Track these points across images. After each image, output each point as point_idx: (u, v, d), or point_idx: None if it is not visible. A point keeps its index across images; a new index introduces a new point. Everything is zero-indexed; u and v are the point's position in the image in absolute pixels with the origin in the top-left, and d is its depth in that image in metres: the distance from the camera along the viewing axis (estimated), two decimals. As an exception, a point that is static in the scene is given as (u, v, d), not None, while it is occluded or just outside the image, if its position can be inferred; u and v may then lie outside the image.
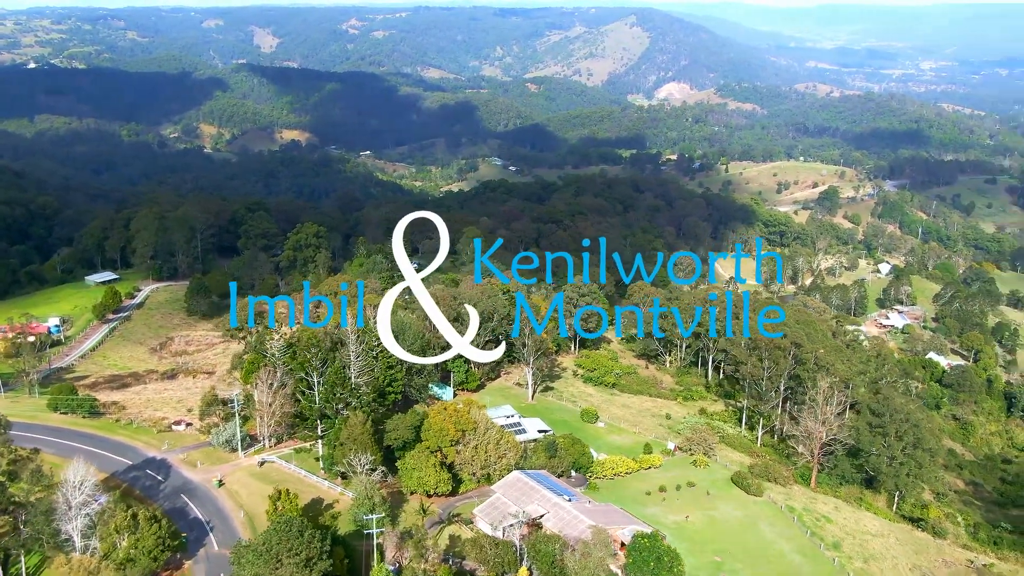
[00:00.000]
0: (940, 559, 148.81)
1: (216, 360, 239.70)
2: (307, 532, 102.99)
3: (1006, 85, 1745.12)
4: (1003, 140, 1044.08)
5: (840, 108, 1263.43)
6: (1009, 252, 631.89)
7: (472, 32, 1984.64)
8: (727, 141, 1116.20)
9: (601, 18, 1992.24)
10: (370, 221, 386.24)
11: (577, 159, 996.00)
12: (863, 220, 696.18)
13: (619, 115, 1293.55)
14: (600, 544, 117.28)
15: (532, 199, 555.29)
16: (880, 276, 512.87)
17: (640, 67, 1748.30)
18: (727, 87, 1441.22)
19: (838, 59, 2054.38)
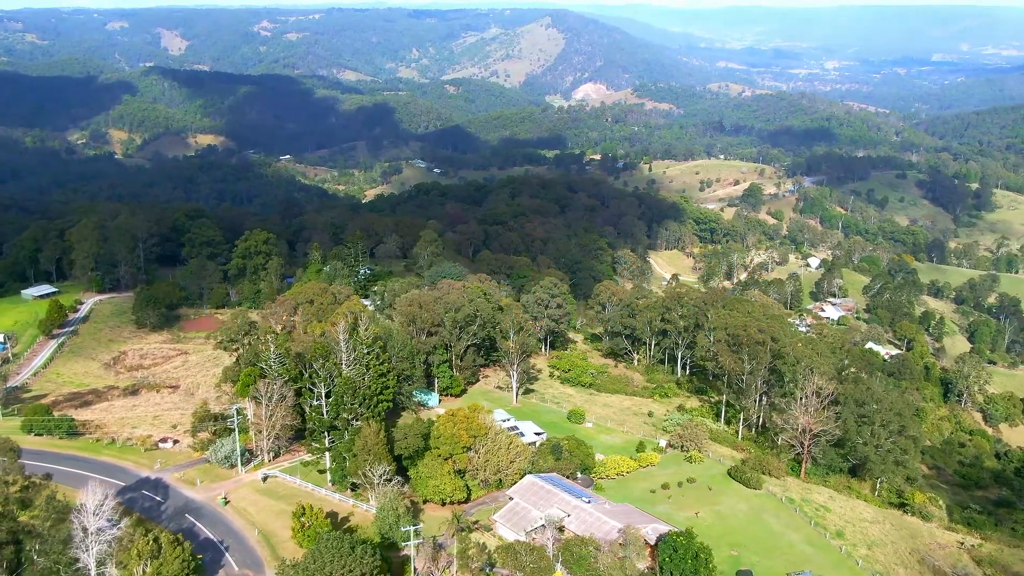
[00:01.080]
0: (934, 542, 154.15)
1: (178, 374, 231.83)
2: (358, 548, 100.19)
3: (905, 84, 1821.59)
4: (908, 137, 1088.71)
5: (754, 107, 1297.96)
6: (923, 244, 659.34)
7: (387, 34, 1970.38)
8: (647, 140, 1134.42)
9: (516, 19, 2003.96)
10: (315, 226, 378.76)
11: (501, 160, 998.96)
12: (786, 216, 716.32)
13: (539, 116, 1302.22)
14: (633, 544, 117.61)
15: (468, 201, 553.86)
16: (810, 270, 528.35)
17: (557, 68, 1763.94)
18: (644, 87, 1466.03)
19: (747, 59, 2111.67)
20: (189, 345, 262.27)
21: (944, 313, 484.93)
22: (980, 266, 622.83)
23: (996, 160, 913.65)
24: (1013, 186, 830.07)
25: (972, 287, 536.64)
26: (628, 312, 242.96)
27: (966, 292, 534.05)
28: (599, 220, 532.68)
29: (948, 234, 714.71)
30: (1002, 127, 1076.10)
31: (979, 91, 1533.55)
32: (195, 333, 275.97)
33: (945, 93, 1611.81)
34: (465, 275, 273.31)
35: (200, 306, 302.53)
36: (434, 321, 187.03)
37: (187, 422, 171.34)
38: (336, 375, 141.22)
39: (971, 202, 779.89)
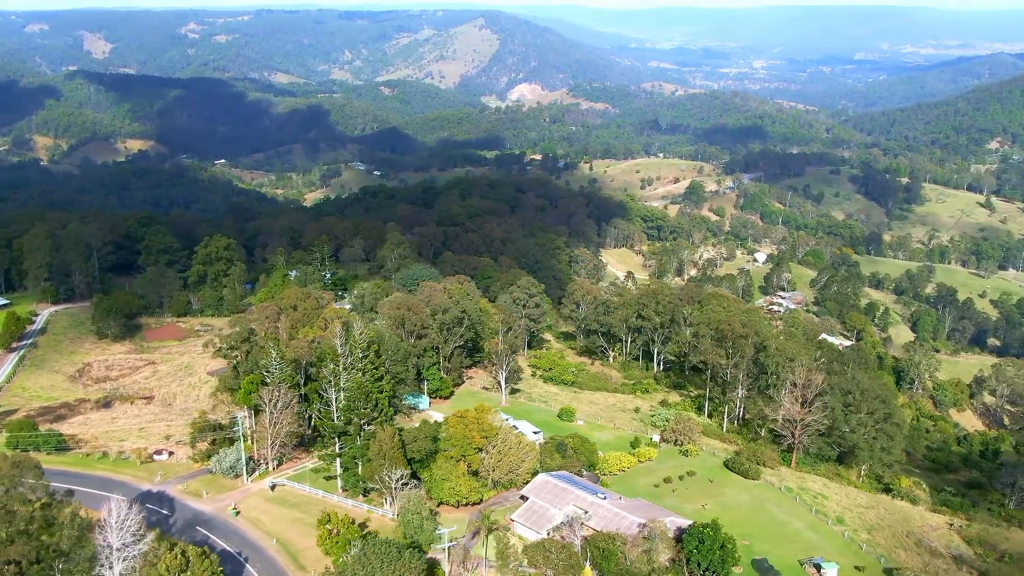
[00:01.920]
0: (926, 525, 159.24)
1: (150, 384, 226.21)
2: (405, 553, 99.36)
3: (830, 82, 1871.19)
4: (838, 133, 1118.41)
5: (688, 106, 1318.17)
6: (860, 237, 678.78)
7: (318, 36, 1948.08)
8: (585, 140, 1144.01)
9: (449, 20, 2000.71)
10: (271, 231, 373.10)
11: (441, 161, 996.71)
12: (727, 212, 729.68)
13: (477, 117, 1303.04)
14: (660, 537, 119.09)
15: (417, 203, 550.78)
16: (757, 265, 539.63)
17: (491, 69, 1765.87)
18: (579, 87, 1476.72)
19: (677, 59, 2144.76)
20: (155, 355, 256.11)
21: (886, 304, 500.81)
22: (915, 258, 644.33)
23: (923, 155, 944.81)
24: (940, 180, 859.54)
25: (910, 278, 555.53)
26: (604, 310, 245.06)
27: (905, 283, 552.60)
28: (550, 219, 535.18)
29: (882, 227, 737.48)
30: (926, 123, 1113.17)
31: (901, 89, 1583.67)
32: (159, 342, 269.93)
33: (870, 91, 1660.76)
34: (437, 277, 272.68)
35: (160, 315, 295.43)
36: (423, 323, 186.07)
37: (178, 433, 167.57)
38: (348, 379, 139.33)
39: (902, 196, 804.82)
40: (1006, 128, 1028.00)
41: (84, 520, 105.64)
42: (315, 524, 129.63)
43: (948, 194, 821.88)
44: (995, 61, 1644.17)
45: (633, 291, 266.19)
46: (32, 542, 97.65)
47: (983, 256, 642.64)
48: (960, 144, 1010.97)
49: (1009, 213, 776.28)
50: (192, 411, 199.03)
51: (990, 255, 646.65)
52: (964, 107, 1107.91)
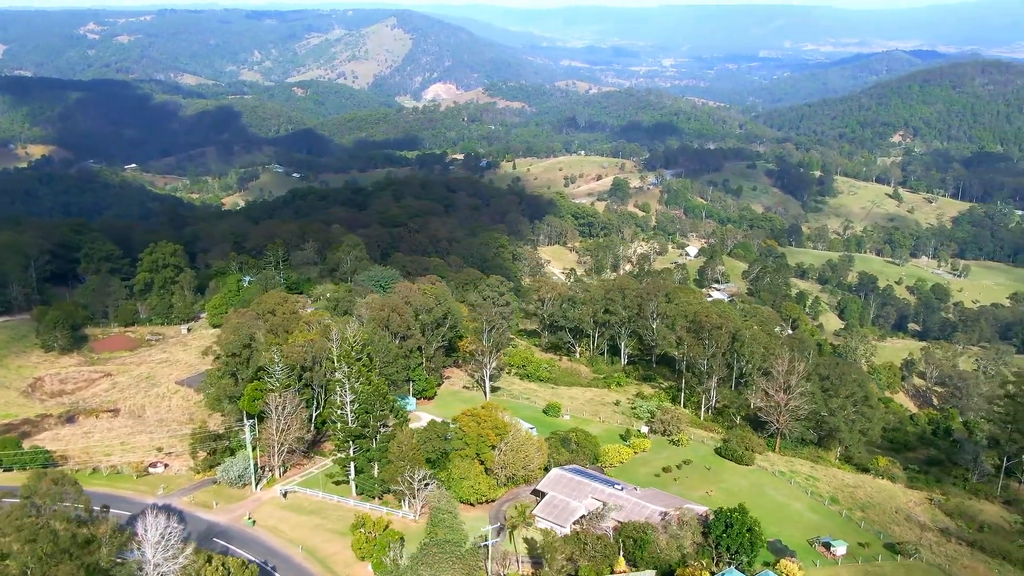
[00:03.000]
0: (910, 500, 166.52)
1: (112, 396, 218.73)
2: (467, 552, 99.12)
3: (737, 79, 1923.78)
4: (750, 129, 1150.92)
5: (604, 103, 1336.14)
6: (780, 229, 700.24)
7: (226, 36, 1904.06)
8: (505, 139, 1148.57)
9: (360, 20, 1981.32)
10: (212, 236, 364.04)
11: (362, 162, 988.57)
12: (652, 208, 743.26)
13: (394, 117, 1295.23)
14: (689, 524, 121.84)
15: (349, 204, 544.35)
16: (689, 258, 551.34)
17: (405, 68, 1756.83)
18: (494, 86, 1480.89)
19: (588, 57, 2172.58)
20: (109, 366, 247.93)
21: (814, 293, 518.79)
22: (833, 248, 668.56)
23: (833, 149, 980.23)
24: (850, 172, 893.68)
25: (832, 268, 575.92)
26: (571, 305, 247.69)
27: (828, 272, 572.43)
28: (485, 218, 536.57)
29: (800, 219, 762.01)
30: (832, 118, 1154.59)
31: (805, 85, 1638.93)
32: (109, 353, 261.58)
33: (775, 87, 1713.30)
34: (398, 278, 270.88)
35: (107, 324, 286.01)
36: (408, 325, 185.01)
37: (167, 445, 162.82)
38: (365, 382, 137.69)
39: (816, 189, 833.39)
40: (907, 122, 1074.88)
41: (123, 536, 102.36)
42: (337, 530, 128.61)
43: (858, 186, 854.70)
44: (891, 58, 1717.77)
45: (597, 286, 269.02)
46: (74, 561, 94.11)
47: (896, 245, 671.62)
48: (866, 138, 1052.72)
49: (916, 203, 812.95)
50: (168, 422, 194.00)
51: (902, 244, 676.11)
52: (867, 102, 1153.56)
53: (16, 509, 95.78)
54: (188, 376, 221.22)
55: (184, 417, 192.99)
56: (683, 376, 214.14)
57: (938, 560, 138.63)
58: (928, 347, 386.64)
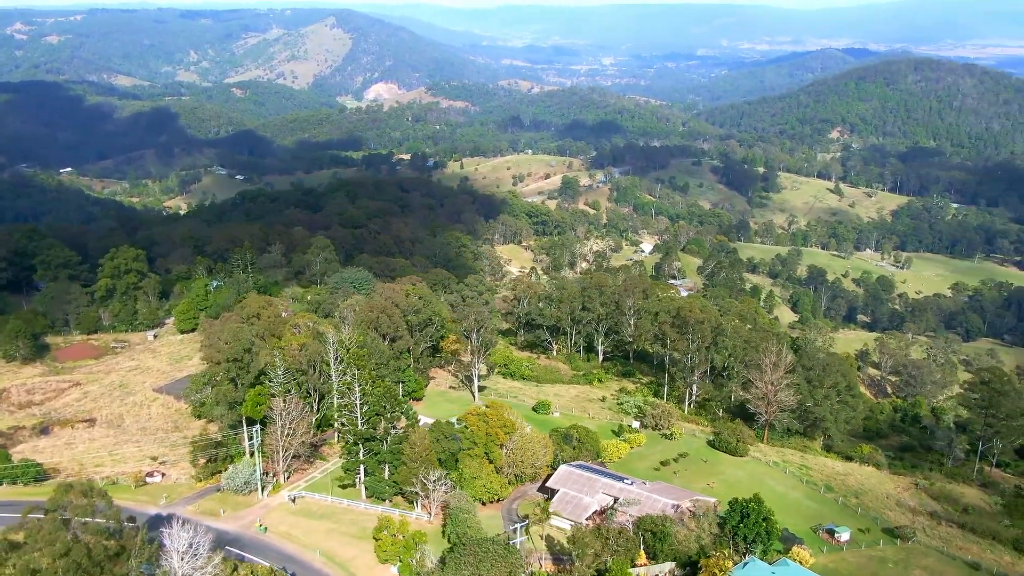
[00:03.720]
0: (898, 486, 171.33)
1: (87, 406, 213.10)
2: (507, 550, 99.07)
3: (676, 77, 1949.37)
4: (693, 127, 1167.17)
5: (548, 102, 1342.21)
6: (728, 225, 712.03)
7: (160, 36, 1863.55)
8: (451, 138, 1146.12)
9: (298, 20, 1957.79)
10: (170, 240, 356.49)
11: (307, 164, 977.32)
12: (602, 206, 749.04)
13: (337, 117, 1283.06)
14: (706, 516, 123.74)
15: (302, 206, 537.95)
16: (644, 255, 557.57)
17: (346, 68, 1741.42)
18: (437, 86, 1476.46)
19: (529, 56, 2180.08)
20: (76, 375, 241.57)
21: (766, 287, 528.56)
22: (780, 242, 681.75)
23: (775, 145, 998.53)
24: (792, 168, 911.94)
25: (782, 262, 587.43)
26: (549, 303, 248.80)
27: (777, 266, 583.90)
28: (442, 218, 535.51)
29: (746, 215, 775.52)
30: (772, 115, 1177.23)
31: (744, 83, 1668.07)
32: (73, 362, 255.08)
33: (715, 85, 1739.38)
34: (370, 280, 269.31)
35: (68, 333, 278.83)
36: (398, 326, 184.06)
37: (159, 454, 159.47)
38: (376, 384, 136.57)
39: (760, 185, 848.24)
40: (844, 118, 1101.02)
41: (153, 548, 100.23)
42: (352, 533, 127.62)
43: (801, 181, 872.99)
44: (825, 56, 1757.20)
45: (573, 284, 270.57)
46: (104, 574, 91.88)
47: (840, 239, 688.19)
48: (805, 134, 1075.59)
49: (856, 198, 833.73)
50: (152, 431, 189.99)
51: (846, 237, 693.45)
52: (805, 100, 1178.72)
53: (47, 523, 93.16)
54: (166, 383, 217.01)
55: (168, 425, 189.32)
56: (663, 371, 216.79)
57: (934, 543, 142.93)
58: (882, 338, 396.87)
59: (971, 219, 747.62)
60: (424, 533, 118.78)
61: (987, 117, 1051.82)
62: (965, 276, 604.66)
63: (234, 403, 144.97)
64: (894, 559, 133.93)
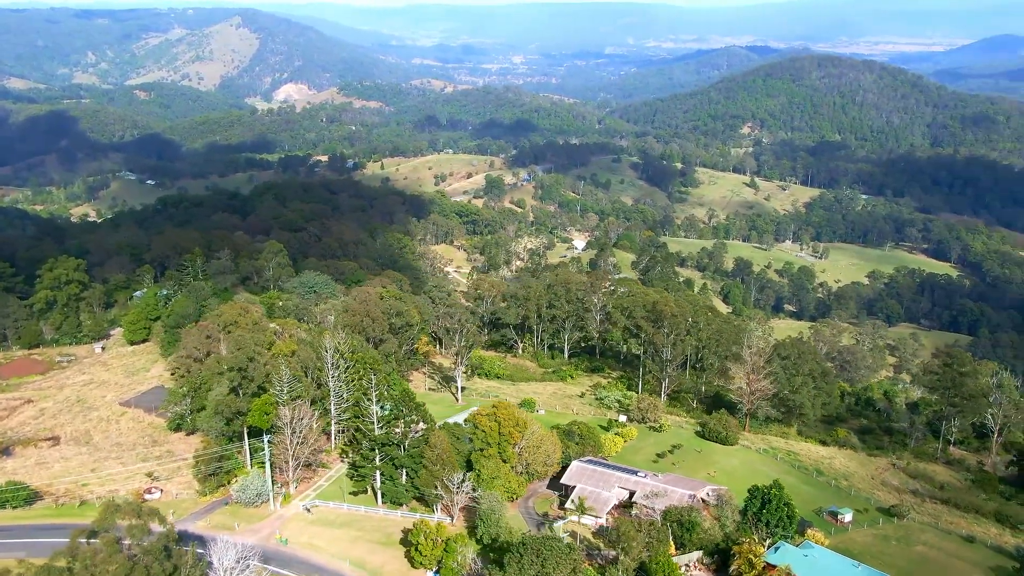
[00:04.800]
0: (878, 467, 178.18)
1: (45, 424, 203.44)
2: (570, 547, 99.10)
3: (586, 75, 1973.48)
4: (609, 124, 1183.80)
5: (463, 101, 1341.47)
6: (652, 220, 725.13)
7: (54, 37, 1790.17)
8: (367, 139, 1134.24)
9: (202, 20, 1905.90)
10: (104, 248, 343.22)
11: (222, 167, 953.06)
12: (528, 203, 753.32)
13: (249, 119, 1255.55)
14: (728, 504, 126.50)
15: (228, 210, 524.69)
16: (577, 252, 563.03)
17: (254, 69, 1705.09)
18: (349, 86, 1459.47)
19: (440, 55, 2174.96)
20: (26, 391, 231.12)
21: (697, 280, 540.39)
22: (703, 236, 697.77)
23: (690, 141, 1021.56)
24: (708, 163, 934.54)
25: (709, 255, 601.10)
26: (515, 302, 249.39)
27: (705, 260, 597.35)
28: (375, 219, 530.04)
29: (668, 210, 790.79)
30: (685, 111, 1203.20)
31: (653, 80, 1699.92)
32: (18, 379, 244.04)
33: (624, 83, 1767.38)
34: (331, 284, 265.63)
35: (7, 348, 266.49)
36: (383, 329, 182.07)
37: (152, 469, 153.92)
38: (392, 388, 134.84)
39: (679, 180, 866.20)
40: (754, 114, 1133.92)
41: (203, 566, 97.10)
42: (377, 540, 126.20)
43: (717, 176, 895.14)
44: (730, 53, 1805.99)
45: (538, 282, 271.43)
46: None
47: (759, 231, 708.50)
48: (718, 130, 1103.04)
49: (771, 191, 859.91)
50: (128, 446, 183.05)
51: (765, 229, 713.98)
52: (716, 96, 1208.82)
53: (104, 546, 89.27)
54: (132, 396, 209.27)
55: (145, 440, 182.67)
56: (631, 365, 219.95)
57: (925, 519, 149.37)
58: (816, 326, 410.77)
59: (880, 209, 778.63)
60: (463, 535, 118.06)
61: (887, 111, 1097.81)
62: (878, 264, 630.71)
63: (238, 413, 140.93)
64: (895, 537, 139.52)
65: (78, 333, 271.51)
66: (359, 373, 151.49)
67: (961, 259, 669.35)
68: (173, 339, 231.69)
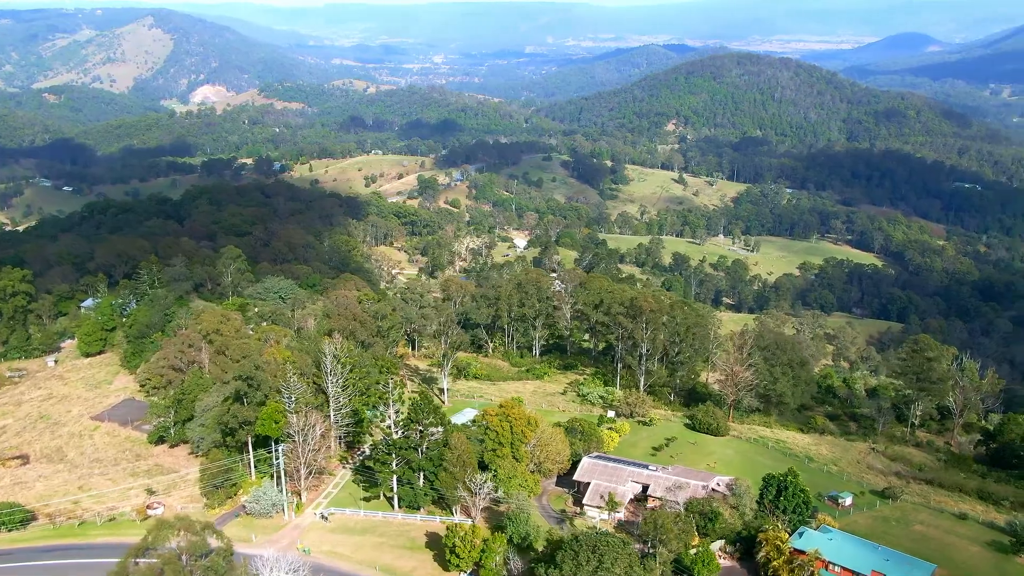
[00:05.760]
0: (859, 451, 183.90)
1: (13, 443, 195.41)
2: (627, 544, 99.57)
3: (508, 74, 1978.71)
4: (536, 123, 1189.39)
5: (387, 102, 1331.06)
6: (587, 217, 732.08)
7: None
8: (291, 140, 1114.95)
9: (112, 20, 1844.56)
10: (43, 258, 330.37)
11: (143, 171, 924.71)
12: (462, 203, 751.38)
13: (168, 122, 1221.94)
14: (746, 494, 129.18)
15: (160, 215, 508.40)
16: (519, 250, 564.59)
17: (168, 71, 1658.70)
18: (270, 87, 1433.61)
19: (360, 55, 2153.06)
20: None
21: (637, 275, 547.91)
22: (638, 232, 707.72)
23: (618, 139, 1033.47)
24: (637, 160, 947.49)
25: (647, 251, 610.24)
26: (487, 302, 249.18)
27: (643, 255, 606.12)
28: (315, 222, 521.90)
29: (600, 207, 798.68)
30: (610, 109, 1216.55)
31: (575, 79, 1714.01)
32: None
33: (547, 82, 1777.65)
34: (294, 288, 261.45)
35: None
36: (371, 333, 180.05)
37: (143, 484, 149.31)
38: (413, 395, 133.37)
39: (609, 177, 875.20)
40: (678, 111, 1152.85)
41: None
42: (402, 545, 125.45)
43: (647, 173, 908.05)
44: (649, 52, 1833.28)
45: (507, 282, 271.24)
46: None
47: (692, 226, 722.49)
48: (643, 127, 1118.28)
49: (699, 187, 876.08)
50: (110, 462, 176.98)
51: (696, 224, 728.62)
52: (640, 94, 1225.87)
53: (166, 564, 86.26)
54: (103, 410, 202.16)
55: (127, 455, 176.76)
56: (604, 361, 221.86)
57: (916, 499, 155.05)
58: (761, 317, 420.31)
59: (804, 203, 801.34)
60: (501, 536, 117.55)
61: (804, 108, 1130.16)
62: (806, 256, 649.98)
63: (245, 423, 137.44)
64: (894, 518, 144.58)
65: (27, 346, 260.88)
66: (365, 377, 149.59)
67: (884, 249, 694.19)
68: (138, 350, 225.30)
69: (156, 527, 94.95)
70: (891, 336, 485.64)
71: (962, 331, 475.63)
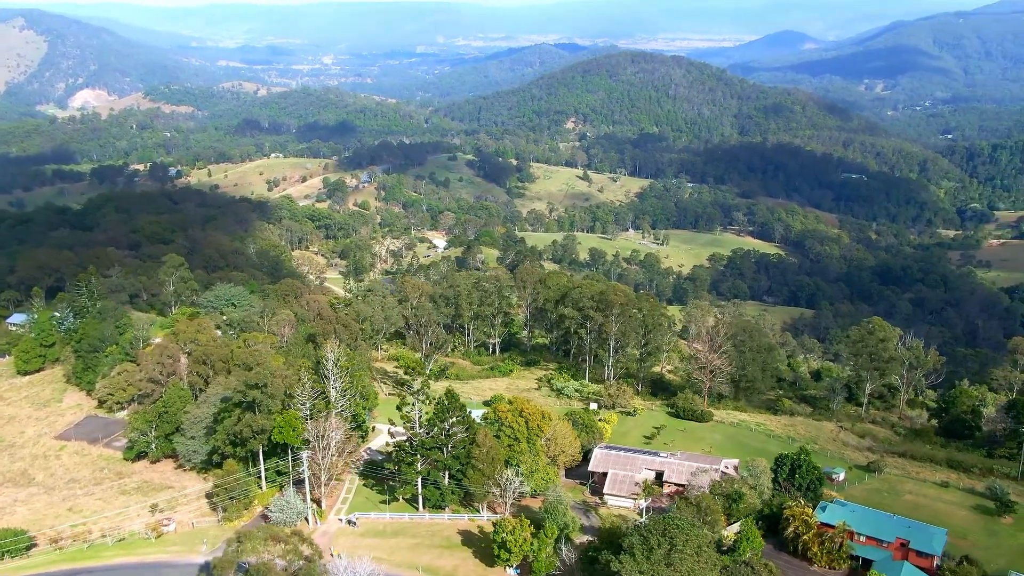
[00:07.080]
0: (830, 430, 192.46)
1: None
2: (703, 530, 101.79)
3: (401, 74, 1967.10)
4: (436, 123, 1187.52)
5: (282, 104, 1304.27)
6: (498, 216, 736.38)
7: None
8: (184, 145, 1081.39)
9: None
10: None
11: (26, 180, 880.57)
12: (371, 205, 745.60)
13: (48, 128, 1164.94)
14: (763, 475, 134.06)
15: (69, 226, 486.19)
16: (439, 251, 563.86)
17: (44, 74, 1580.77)
18: (156, 90, 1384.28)
19: (246, 57, 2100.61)
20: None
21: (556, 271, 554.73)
22: (550, 229, 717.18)
23: (520, 137, 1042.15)
24: (541, 158, 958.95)
25: (563, 247, 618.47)
26: (445, 301, 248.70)
27: (559, 252, 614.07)
28: (232, 227, 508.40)
29: (509, 205, 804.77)
30: (509, 108, 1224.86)
31: (469, 78, 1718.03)
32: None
33: (441, 81, 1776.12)
34: (245, 295, 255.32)
35: None
36: (356, 335, 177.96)
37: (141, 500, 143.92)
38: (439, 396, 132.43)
39: (515, 175, 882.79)
40: (576, 109, 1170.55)
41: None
42: (438, 544, 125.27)
43: (552, 171, 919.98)
44: (541, 51, 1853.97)
45: (465, 281, 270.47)
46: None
47: (601, 222, 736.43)
48: (544, 125, 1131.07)
49: (603, 183, 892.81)
50: (88, 482, 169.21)
51: (606, 220, 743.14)
52: (538, 93, 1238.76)
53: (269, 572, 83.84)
54: (67, 429, 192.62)
55: (107, 473, 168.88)
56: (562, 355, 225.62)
57: (895, 471, 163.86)
58: (688, 309, 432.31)
59: (706, 196, 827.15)
60: (553, 527, 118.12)
61: (698, 104, 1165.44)
62: (712, 248, 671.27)
63: (259, 432, 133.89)
64: (885, 489, 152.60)
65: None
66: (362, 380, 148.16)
67: (784, 239, 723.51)
68: (89, 365, 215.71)
69: (239, 538, 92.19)
70: (804, 322, 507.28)
71: (868, 314, 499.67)
